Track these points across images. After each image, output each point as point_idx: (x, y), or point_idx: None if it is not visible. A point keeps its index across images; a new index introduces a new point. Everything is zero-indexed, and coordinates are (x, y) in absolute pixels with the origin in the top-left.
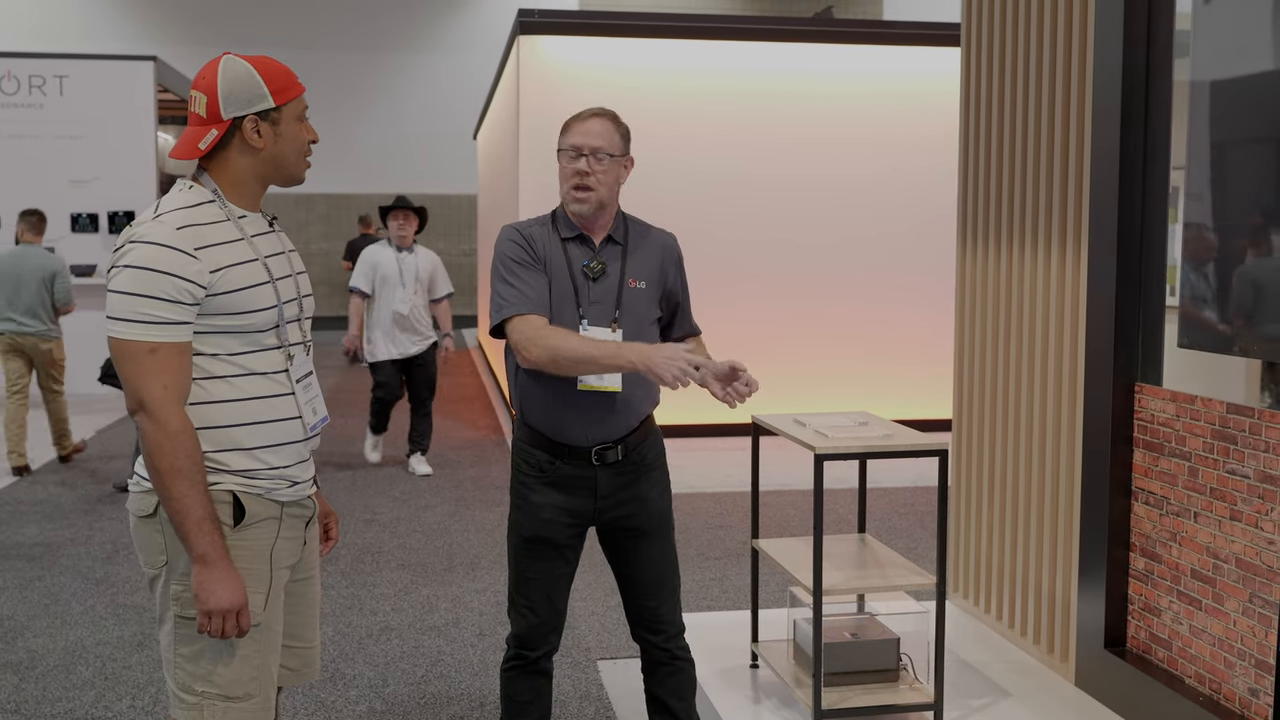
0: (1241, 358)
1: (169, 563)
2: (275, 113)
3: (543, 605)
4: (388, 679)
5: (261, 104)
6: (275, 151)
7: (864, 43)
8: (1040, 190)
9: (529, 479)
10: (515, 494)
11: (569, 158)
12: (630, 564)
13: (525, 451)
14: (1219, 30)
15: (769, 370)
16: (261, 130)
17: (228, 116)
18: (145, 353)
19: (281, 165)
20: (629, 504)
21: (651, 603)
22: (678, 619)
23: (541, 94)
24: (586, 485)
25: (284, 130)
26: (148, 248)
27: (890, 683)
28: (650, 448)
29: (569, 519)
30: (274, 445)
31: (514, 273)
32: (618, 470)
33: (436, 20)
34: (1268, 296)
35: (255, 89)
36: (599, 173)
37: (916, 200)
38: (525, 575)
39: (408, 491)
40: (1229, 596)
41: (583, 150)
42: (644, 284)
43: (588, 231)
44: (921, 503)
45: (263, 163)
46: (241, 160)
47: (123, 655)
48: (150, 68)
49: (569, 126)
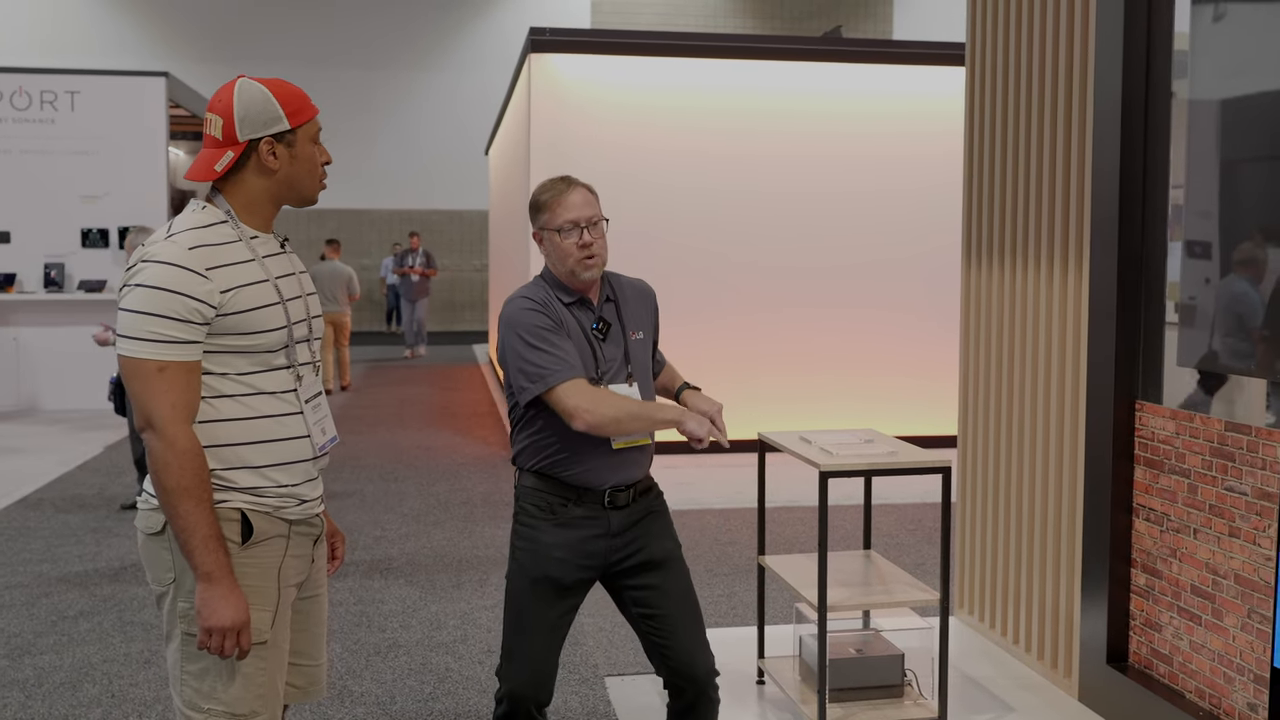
0: (1240, 376)
1: (176, 580)
2: (291, 135)
3: (538, 656)
4: (395, 696)
5: (277, 126)
6: (290, 173)
7: (874, 62)
8: (1043, 208)
9: (538, 521)
10: (522, 538)
11: (569, 233)
12: (649, 603)
13: (532, 495)
14: (1218, 50)
15: (776, 386)
16: (277, 152)
17: (243, 139)
18: (154, 371)
19: (296, 187)
20: (640, 539)
21: (680, 643)
22: (710, 661)
23: (553, 111)
24: (599, 524)
25: (299, 152)
26: (159, 267)
27: (895, 699)
28: (655, 495)
29: (580, 559)
30: (282, 464)
31: (546, 340)
32: (628, 512)
33: (448, 37)
34: (1264, 315)
35: (271, 111)
36: (599, 239)
37: (924, 218)
38: (522, 622)
39: (417, 508)
40: (1228, 612)
41: (580, 223)
42: (641, 334)
43: (586, 294)
44: (928, 519)
45: (277, 184)
46: (256, 182)
47: (130, 673)
48: (162, 83)
49: (552, 204)
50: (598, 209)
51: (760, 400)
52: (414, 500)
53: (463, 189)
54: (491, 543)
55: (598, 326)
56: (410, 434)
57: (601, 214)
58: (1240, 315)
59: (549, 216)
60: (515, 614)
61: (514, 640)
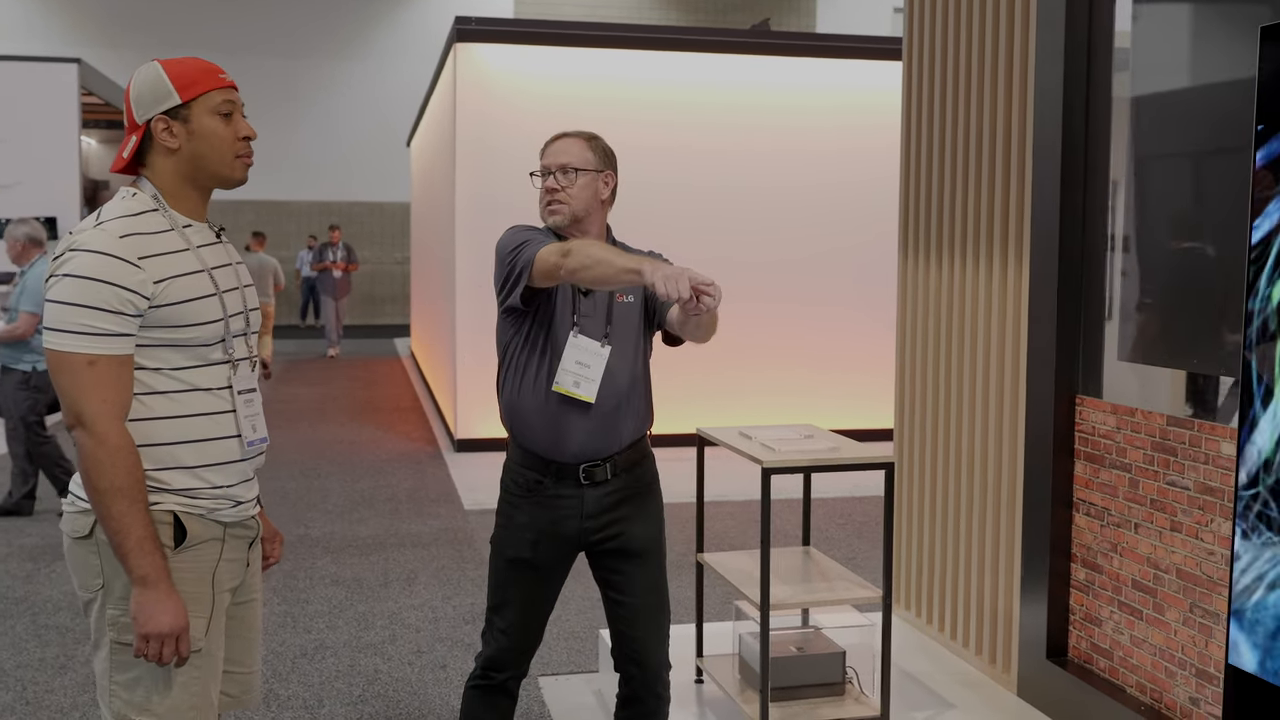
0: (1179, 370)
1: (105, 586)
2: (185, 110)
3: (518, 629)
4: (323, 699)
5: (168, 102)
6: (192, 150)
7: (804, 55)
8: (982, 201)
9: (517, 499)
10: (502, 514)
11: (540, 178)
12: (617, 589)
13: (515, 471)
14: (1158, 45)
15: (709, 381)
16: (174, 130)
17: (141, 121)
18: (84, 365)
19: (204, 165)
20: (616, 525)
21: (638, 633)
22: (664, 655)
23: (479, 102)
24: (573, 506)
25: (197, 127)
26: (88, 256)
27: (837, 697)
28: (643, 471)
29: (554, 542)
30: (217, 464)
31: (528, 234)
32: (606, 491)
33: (369, 26)
34: (1199, 309)
35: (161, 88)
36: (567, 187)
37: (854, 213)
38: (504, 597)
39: (341, 505)
40: (1170, 606)
41: (550, 169)
42: (631, 298)
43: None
44: (858, 512)
45: (183, 163)
46: (165, 164)
47: (45, 679)
48: (74, 70)
49: (541, 150)
50: (575, 157)
51: (694, 396)
52: (338, 496)
53: (384, 181)
54: (419, 541)
55: None
56: (331, 429)
57: (587, 165)
58: (1176, 308)
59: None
60: (494, 587)
61: (494, 613)
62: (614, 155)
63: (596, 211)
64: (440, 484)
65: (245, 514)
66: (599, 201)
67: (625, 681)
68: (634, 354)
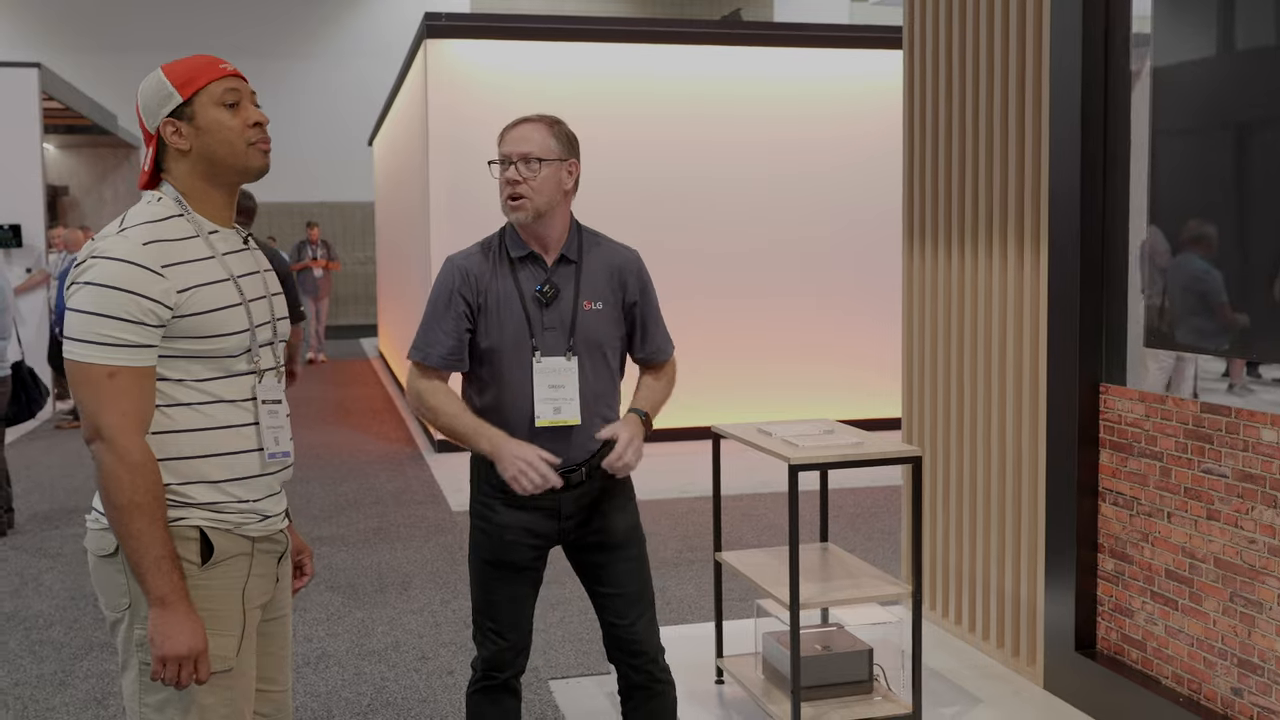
0: (1211, 356)
1: (132, 605)
2: (189, 107)
3: (509, 628)
4: (332, 711)
5: (171, 103)
6: (203, 147)
7: (777, 45)
8: (994, 185)
9: (491, 500)
10: (476, 515)
11: (500, 168)
12: (600, 581)
13: (487, 472)
14: (1179, 18)
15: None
16: (182, 131)
17: (152, 129)
18: (104, 377)
19: (217, 160)
20: (592, 520)
21: (625, 621)
22: (655, 640)
23: (450, 98)
24: (549, 507)
25: (202, 121)
26: (110, 264)
27: (865, 694)
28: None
29: (532, 539)
30: (243, 478)
31: (435, 312)
32: (582, 492)
33: (327, 26)
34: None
35: (163, 91)
36: (530, 179)
37: (838, 202)
38: (490, 598)
39: (327, 508)
40: (1208, 596)
41: (511, 158)
42: (600, 305)
43: (540, 249)
44: (869, 504)
45: (197, 162)
46: (180, 167)
47: (44, 696)
48: (35, 74)
49: (500, 136)
50: (538, 145)
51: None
52: (322, 500)
53: (345, 181)
54: (409, 542)
55: (541, 289)
56: (309, 432)
57: (549, 154)
58: (1203, 294)
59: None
60: (478, 589)
61: (482, 615)
62: (577, 141)
63: (561, 204)
64: (424, 485)
65: (273, 528)
66: (563, 193)
67: (622, 674)
68: (602, 360)
